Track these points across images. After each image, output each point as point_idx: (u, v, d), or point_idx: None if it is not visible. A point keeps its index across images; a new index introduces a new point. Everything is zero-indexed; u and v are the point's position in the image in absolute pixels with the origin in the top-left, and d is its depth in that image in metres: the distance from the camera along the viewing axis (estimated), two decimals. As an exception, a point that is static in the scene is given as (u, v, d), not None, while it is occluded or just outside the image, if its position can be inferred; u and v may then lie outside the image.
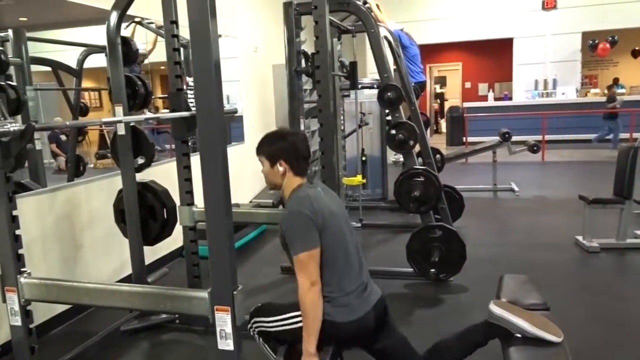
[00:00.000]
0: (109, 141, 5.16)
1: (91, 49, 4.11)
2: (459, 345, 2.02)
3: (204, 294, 1.64)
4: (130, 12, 2.94)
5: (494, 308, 1.91)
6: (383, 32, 4.21)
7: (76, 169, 3.96)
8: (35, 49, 3.69)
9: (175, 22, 2.86)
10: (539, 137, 8.83)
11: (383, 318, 2.00)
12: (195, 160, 3.02)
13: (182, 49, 3.05)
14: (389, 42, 4.59)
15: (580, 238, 4.28)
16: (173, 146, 3.20)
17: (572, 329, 1.90)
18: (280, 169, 1.95)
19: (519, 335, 1.87)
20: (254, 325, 1.99)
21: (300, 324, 1.84)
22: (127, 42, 2.99)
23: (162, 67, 5.17)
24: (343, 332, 1.87)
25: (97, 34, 3.81)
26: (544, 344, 1.82)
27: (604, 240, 4.18)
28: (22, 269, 1.88)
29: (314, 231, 1.83)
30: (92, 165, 4.71)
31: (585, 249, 4.15)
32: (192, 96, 2.94)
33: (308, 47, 3.83)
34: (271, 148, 1.97)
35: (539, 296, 2.21)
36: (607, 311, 3.14)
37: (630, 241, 4.20)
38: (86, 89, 4.77)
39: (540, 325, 1.84)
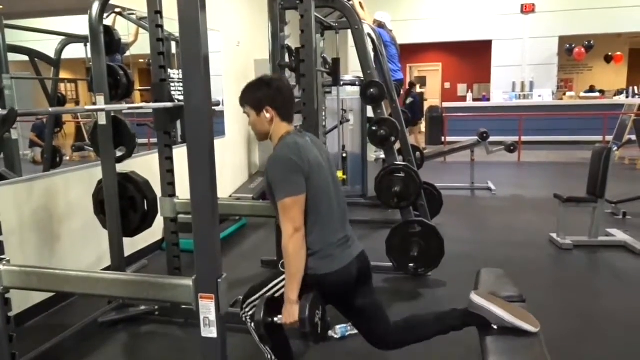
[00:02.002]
0: (85, 134, 5.10)
1: (70, 39, 4.04)
2: (435, 324, 2.06)
3: (188, 282, 1.64)
4: (113, 2, 2.92)
5: (475, 297, 1.96)
6: (367, 29, 4.24)
7: (52, 161, 3.90)
8: (12, 38, 3.61)
9: (160, 12, 2.84)
10: (516, 138, 8.99)
11: (365, 271, 2.01)
12: (177, 153, 3.02)
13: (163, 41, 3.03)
14: (372, 40, 4.62)
15: (554, 235, 4.39)
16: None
17: (545, 321, 1.96)
18: (267, 115, 1.93)
19: (495, 327, 1.92)
20: (246, 310, 1.98)
21: None
22: (109, 32, 2.96)
23: (141, 60, 5.12)
24: (327, 283, 1.87)
25: (76, 24, 3.77)
26: (520, 334, 1.87)
27: (577, 237, 4.30)
28: (1, 257, 1.85)
29: (300, 177, 1.81)
30: (67, 158, 4.64)
31: (559, 246, 4.26)
32: (174, 88, 2.93)
33: (292, 42, 3.84)
34: (256, 95, 1.95)
35: (515, 289, 2.27)
36: (579, 305, 3.24)
37: (602, 239, 4.32)
38: (64, 80, 4.69)
39: (518, 315, 1.89)
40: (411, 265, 3.60)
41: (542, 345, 1.83)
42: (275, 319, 1.84)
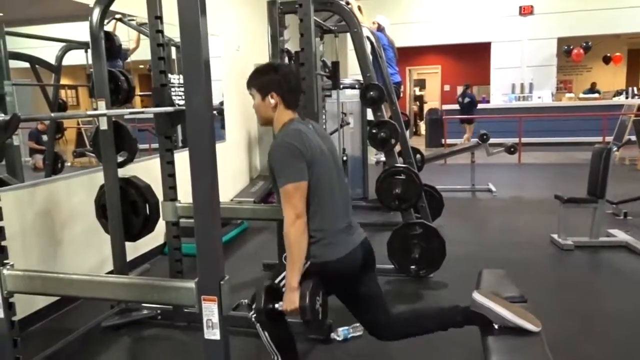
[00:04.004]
0: (86, 139, 5.12)
1: (70, 45, 4.06)
2: (436, 319, 2.07)
3: (191, 284, 1.65)
4: (113, 8, 2.94)
5: (477, 297, 1.96)
6: (365, 32, 4.26)
7: (54, 167, 3.91)
8: (13, 45, 3.63)
9: (160, 18, 2.86)
10: (516, 140, 9.01)
11: (369, 258, 2.03)
12: (178, 157, 3.04)
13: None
14: (371, 43, 4.64)
15: (555, 236, 4.39)
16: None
17: (547, 321, 1.96)
18: (272, 101, 1.94)
19: (496, 326, 1.93)
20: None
21: None
22: (110, 37, 2.98)
23: (142, 66, 5.14)
24: (332, 271, 1.87)
25: (76, 30, 3.79)
26: (522, 334, 1.88)
27: (578, 238, 4.30)
28: (5, 261, 1.86)
29: (303, 164, 1.82)
30: (69, 164, 4.65)
31: (560, 247, 4.26)
32: (174, 93, 2.93)
33: (291, 46, 3.86)
34: (262, 80, 1.96)
35: (516, 289, 2.28)
36: (580, 305, 3.24)
37: (603, 239, 4.33)
38: (65, 86, 4.71)
39: (519, 314, 1.90)
40: (413, 267, 3.61)
41: (543, 345, 1.83)
42: (276, 305, 1.83)
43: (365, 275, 2.01)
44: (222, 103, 5.92)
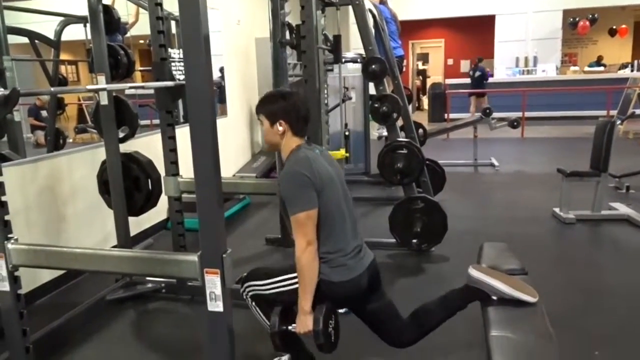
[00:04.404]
0: (88, 116, 5.11)
1: (69, 19, 4.02)
2: (440, 309, 2.09)
3: (194, 257, 1.67)
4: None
5: (473, 272, 1.98)
6: (367, 5, 4.20)
7: (56, 143, 3.91)
8: (11, 20, 3.59)
9: (159, -10, 2.82)
10: (519, 114, 8.95)
11: (375, 280, 2.06)
12: (179, 133, 3.03)
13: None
14: (373, 16, 4.58)
15: (557, 210, 4.40)
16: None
17: (548, 295, 1.98)
18: (280, 128, 1.96)
19: (494, 299, 1.95)
20: (247, 290, 2.03)
21: (295, 286, 1.88)
22: (108, 11, 2.94)
23: (142, 42, 5.09)
24: (338, 291, 1.92)
25: (74, 4, 3.74)
26: (521, 305, 1.90)
27: (580, 212, 4.31)
28: (9, 235, 1.88)
29: (312, 192, 1.85)
30: (71, 140, 4.65)
31: (562, 221, 4.27)
32: (174, 67, 2.90)
33: (292, 20, 3.81)
34: (271, 107, 1.98)
35: (517, 262, 2.29)
36: (581, 278, 3.26)
37: (605, 212, 4.33)
38: (65, 61, 4.67)
39: (516, 286, 1.92)
40: (414, 241, 3.63)
41: (543, 315, 1.85)
42: (290, 327, 1.89)
43: (371, 294, 2.05)
44: (222, 77, 5.87)
